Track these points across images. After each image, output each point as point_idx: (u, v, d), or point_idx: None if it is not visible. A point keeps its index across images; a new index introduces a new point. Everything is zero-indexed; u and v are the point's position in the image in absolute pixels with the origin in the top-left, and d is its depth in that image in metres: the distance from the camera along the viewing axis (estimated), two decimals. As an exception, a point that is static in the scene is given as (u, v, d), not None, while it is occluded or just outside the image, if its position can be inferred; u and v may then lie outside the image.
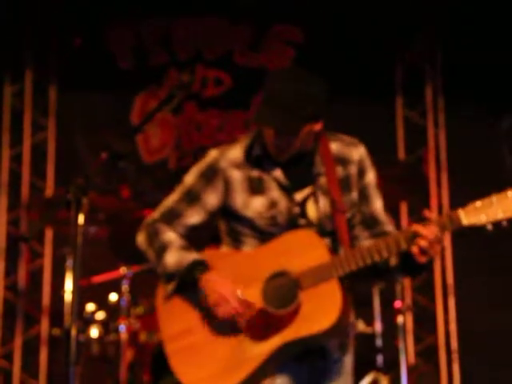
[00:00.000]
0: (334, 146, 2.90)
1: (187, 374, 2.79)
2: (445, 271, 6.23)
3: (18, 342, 6.05)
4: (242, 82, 6.42)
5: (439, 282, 6.22)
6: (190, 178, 2.92)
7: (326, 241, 2.81)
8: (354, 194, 2.88)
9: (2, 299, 6.11)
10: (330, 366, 2.84)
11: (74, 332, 2.33)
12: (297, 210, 2.82)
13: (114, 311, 4.80)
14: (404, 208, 6.30)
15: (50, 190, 6.20)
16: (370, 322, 5.04)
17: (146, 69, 6.37)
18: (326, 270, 2.70)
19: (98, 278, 4.93)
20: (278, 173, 2.84)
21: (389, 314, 5.02)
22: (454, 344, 6.11)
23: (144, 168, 6.10)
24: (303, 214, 2.83)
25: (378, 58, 6.31)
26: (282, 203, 2.82)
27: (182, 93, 2.80)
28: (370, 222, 2.91)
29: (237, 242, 2.88)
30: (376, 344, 4.98)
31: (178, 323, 2.84)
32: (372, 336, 5.00)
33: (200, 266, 2.80)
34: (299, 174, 2.85)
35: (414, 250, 2.67)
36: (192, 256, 2.82)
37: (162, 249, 2.85)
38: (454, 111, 6.37)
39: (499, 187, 2.70)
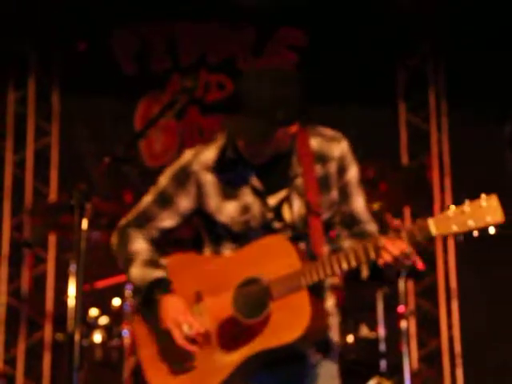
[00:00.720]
0: (314, 143, 2.83)
1: (158, 381, 2.77)
2: (448, 275, 6.22)
3: (21, 347, 6.06)
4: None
5: (442, 286, 6.21)
6: (163, 180, 2.89)
7: (302, 245, 2.77)
8: (334, 193, 2.81)
9: (5, 305, 6.12)
10: (306, 371, 2.80)
11: (77, 337, 2.33)
12: (270, 215, 2.78)
13: (117, 316, 4.80)
14: (407, 213, 6.30)
15: (53, 195, 6.21)
16: (373, 326, 5.03)
17: (149, 74, 6.38)
18: (296, 278, 2.65)
19: (101, 283, 4.94)
20: (251, 176, 2.78)
21: (392, 318, 5.02)
22: (458, 348, 6.10)
23: (147, 173, 6.10)
24: (279, 217, 2.78)
25: (381, 63, 6.32)
26: (256, 208, 2.77)
27: (184, 98, 2.79)
28: (350, 222, 2.85)
29: (217, 245, 2.85)
30: (379, 349, 4.98)
31: (152, 343, 2.82)
32: (375, 341, 4.99)
33: (160, 286, 2.78)
34: (275, 176, 2.79)
35: (380, 262, 2.61)
36: (154, 274, 2.79)
37: (129, 260, 2.83)
38: (458, 116, 6.37)
39: (502, 192, 2.67)
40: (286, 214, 2.78)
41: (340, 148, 2.84)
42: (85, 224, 2.44)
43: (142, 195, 2.95)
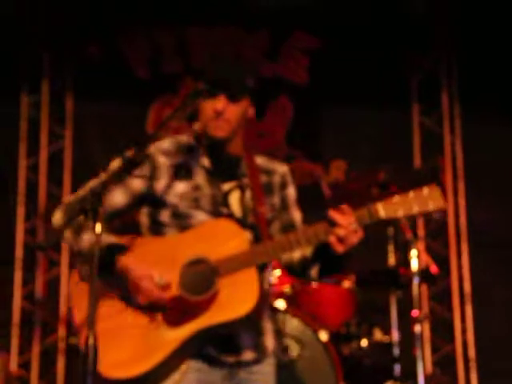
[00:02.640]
0: (260, 160, 2.99)
1: (102, 359, 2.67)
2: (462, 280, 6.20)
3: (35, 351, 6.07)
4: (257, 90, 6.42)
5: (456, 290, 6.19)
6: (115, 162, 2.91)
7: (247, 233, 2.82)
8: (276, 200, 2.94)
9: (19, 308, 6.14)
10: (240, 372, 2.80)
11: (91, 340, 2.33)
12: (220, 196, 2.84)
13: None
14: (420, 216, 6.27)
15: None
16: (387, 330, 5.01)
17: (162, 77, 6.39)
18: (245, 258, 2.71)
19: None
20: (205, 161, 2.87)
21: (406, 322, 4.99)
22: (472, 353, 6.08)
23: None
24: (226, 203, 2.85)
25: (394, 65, 6.31)
26: (206, 188, 2.84)
27: (197, 101, 2.80)
28: (289, 229, 2.92)
29: (159, 234, 2.84)
30: (393, 353, 4.95)
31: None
32: (389, 345, 4.97)
33: (118, 249, 2.76)
34: (226, 169, 2.89)
35: (332, 239, 2.69)
36: (111, 238, 2.77)
37: (80, 228, 2.79)
38: (471, 118, 6.35)
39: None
40: (233, 202, 2.87)
41: (283, 168, 3.02)
42: (98, 228, 2.44)
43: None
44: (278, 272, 4.61)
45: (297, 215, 2.98)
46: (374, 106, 6.19)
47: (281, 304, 4.33)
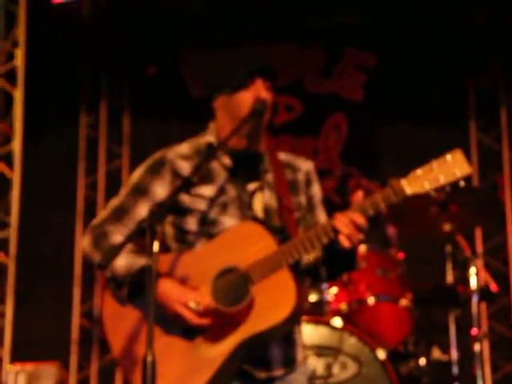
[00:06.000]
0: (283, 156, 2.89)
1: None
2: (522, 298, 6.10)
3: (94, 368, 6.14)
4: (312, 107, 6.44)
5: (516, 308, 6.09)
6: (136, 175, 2.85)
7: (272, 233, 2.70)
8: (302, 198, 2.83)
9: (78, 326, 6.22)
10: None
11: (149, 358, 2.34)
12: (246, 198, 2.75)
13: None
14: (479, 234, 6.20)
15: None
16: (445, 349, 4.95)
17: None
18: (275, 259, 2.59)
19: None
20: (226, 160, 2.78)
21: (465, 341, 4.92)
22: (533, 373, 5.97)
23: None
24: (251, 205, 2.76)
25: (452, 82, 6.26)
26: (232, 191, 2.74)
27: (254, 120, 2.81)
28: None
29: (186, 244, 2.75)
30: (452, 372, 4.88)
31: (129, 334, 2.71)
32: (448, 364, 4.90)
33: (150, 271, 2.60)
34: (248, 167, 2.79)
35: (340, 238, 2.57)
36: (142, 261, 2.64)
37: (110, 253, 2.64)
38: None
39: None
40: (257, 204, 2.77)
41: (307, 164, 2.91)
42: (156, 246, 2.45)
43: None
44: (334, 290, 4.59)
45: (322, 217, 2.85)
46: (430, 123, 6.14)
47: (337, 322, 4.30)
